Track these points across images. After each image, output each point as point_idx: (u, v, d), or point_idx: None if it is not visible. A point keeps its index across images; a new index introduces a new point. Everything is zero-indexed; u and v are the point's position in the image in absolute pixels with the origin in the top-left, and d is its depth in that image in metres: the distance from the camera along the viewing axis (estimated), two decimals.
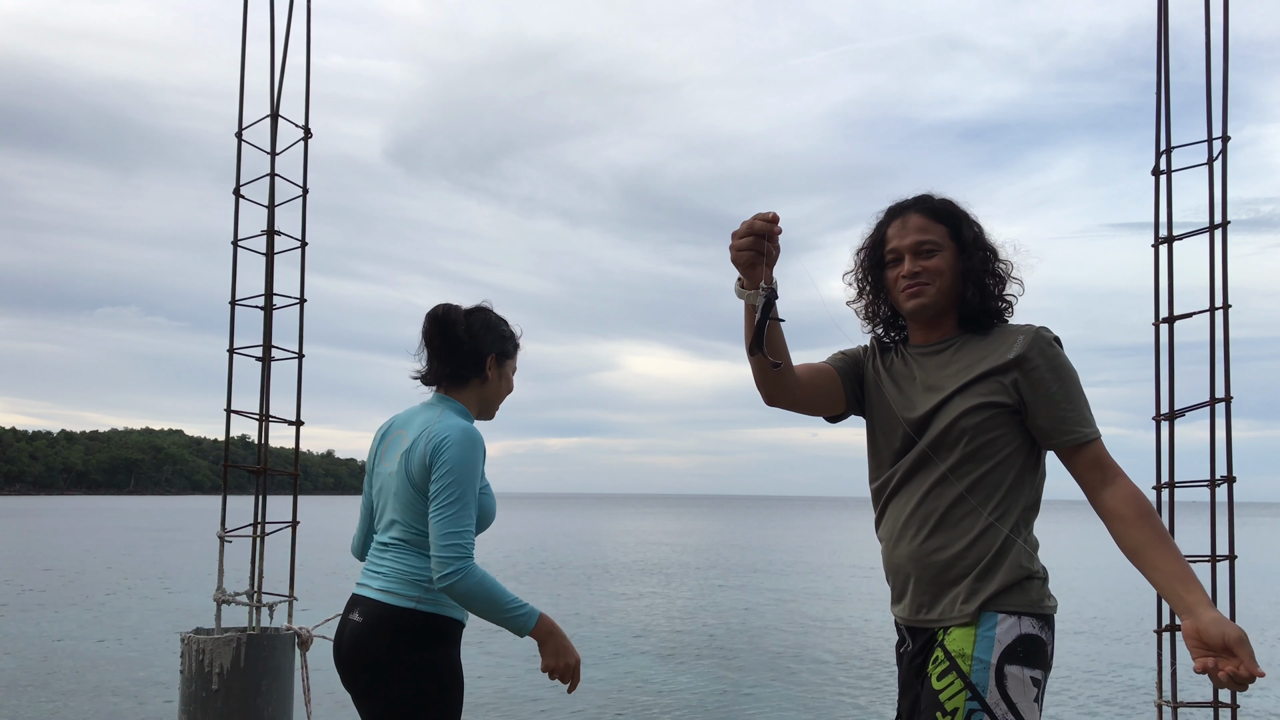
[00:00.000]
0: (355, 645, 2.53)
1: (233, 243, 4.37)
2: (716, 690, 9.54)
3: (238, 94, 4.41)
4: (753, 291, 1.98)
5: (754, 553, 31.02)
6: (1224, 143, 3.31)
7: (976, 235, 2.23)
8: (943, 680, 2.05)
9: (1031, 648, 2.04)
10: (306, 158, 4.48)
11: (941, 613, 2.10)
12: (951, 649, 2.06)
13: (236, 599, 4.19)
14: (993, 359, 2.13)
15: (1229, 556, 3.24)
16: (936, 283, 2.20)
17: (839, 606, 16.76)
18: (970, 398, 2.12)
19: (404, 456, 2.56)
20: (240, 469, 4.41)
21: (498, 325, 2.74)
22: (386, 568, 2.58)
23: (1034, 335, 2.13)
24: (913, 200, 2.28)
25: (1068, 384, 2.10)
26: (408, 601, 2.51)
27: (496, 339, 2.72)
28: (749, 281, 1.99)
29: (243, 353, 4.35)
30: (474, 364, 2.67)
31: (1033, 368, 2.10)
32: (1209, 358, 3.29)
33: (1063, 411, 2.09)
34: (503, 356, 2.74)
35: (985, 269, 2.22)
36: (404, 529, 2.57)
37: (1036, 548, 2.15)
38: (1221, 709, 3.25)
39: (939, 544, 2.12)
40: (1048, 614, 2.09)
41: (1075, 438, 2.08)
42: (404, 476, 2.55)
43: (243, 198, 4.39)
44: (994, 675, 2.00)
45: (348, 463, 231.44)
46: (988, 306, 2.21)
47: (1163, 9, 3.52)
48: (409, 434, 2.59)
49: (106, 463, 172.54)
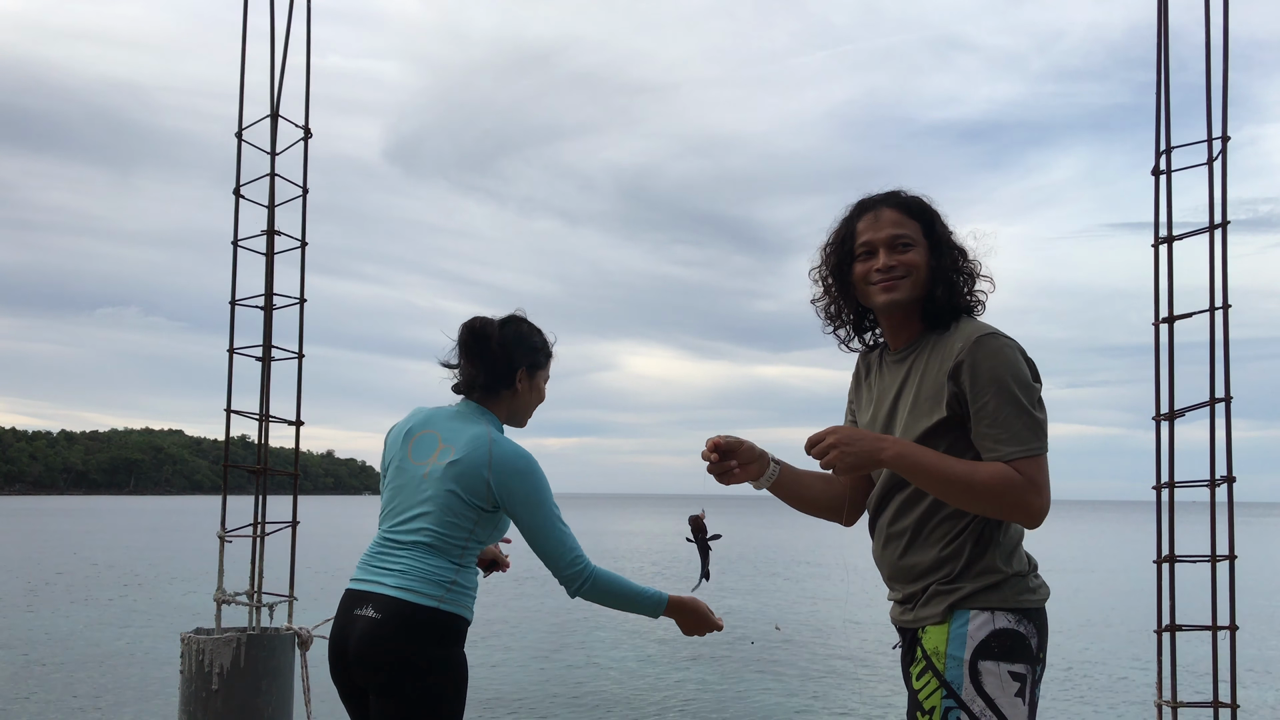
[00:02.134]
0: (374, 642, 2.55)
1: (233, 243, 4.37)
2: (717, 690, 9.54)
3: (237, 94, 4.41)
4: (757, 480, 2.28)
5: (754, 553, 31.01)
6: (1224, 143, 3.31)
7: (947, 234, 2.21)
8: (920, 680, 2.07)
9: (1008, 643, 2.01)
10: (306, 158, 4.48)
11: (916, 614, 2.12)
12: (928, 647, 2.07)
13: (236, 599, 4.19)
14: (940, 370, 2.09)
15: (1229, 556, 3.24)
16: (911, 276, 2.16)
17: (838, 607, 16.75)
18: (921, 415, 2.10)
19: (451, 467, 2.61)
20: (240, 469, 4.41)
21: (529, 337, 2.82)
22: (405, 566, 2.60)
23: (971, 344, 2.05)
24: (884, 195, 2.24)
25: (998, 396, 2.00)
26: (431, 600, 2.55)
27: (528, 351, 2.80)
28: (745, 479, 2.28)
29: (243, 353, 4.35)
30: (505, 377, 2.75)
31: (964, 380, 2.03)
32: (1209, 358, 3.29)
33: (983, 428, 2.02)
34: (533, 368, 2.82)
35: (955, 267, 2.19)
36: (431, 533, 2.61)
37: (1016, 545, 2.11)
38: (1221, 709, 3.25)
39: (914, 559, 2.13)
40: (1028, 608, 2.06)
41: (993, 456, 2.00)
42: (449, 484, 2.61)
43: (243, 198, 4.39)
44: (968, 672, 2.00)
45: (348, 463, 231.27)
46: (955, 304, 2.17)
47: (1162, 9, 3.52)
48: (456, 447, 2.64)
49: (106, 463, 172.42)
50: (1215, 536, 3.30)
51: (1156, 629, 3.39)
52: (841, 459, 1.97)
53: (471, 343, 2.76)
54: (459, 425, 2.70)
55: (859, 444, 1.99)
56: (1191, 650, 3.69)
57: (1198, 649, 3.40)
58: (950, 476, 1.97)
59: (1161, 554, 3.38)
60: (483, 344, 2.74)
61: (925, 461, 1.99)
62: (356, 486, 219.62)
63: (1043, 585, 2.13)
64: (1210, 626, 3.25)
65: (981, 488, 1.96)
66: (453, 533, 2.61)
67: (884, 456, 1.99)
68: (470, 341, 2.76)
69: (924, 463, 1.99)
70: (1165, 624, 3.36)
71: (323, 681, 3.03)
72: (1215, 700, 3.25)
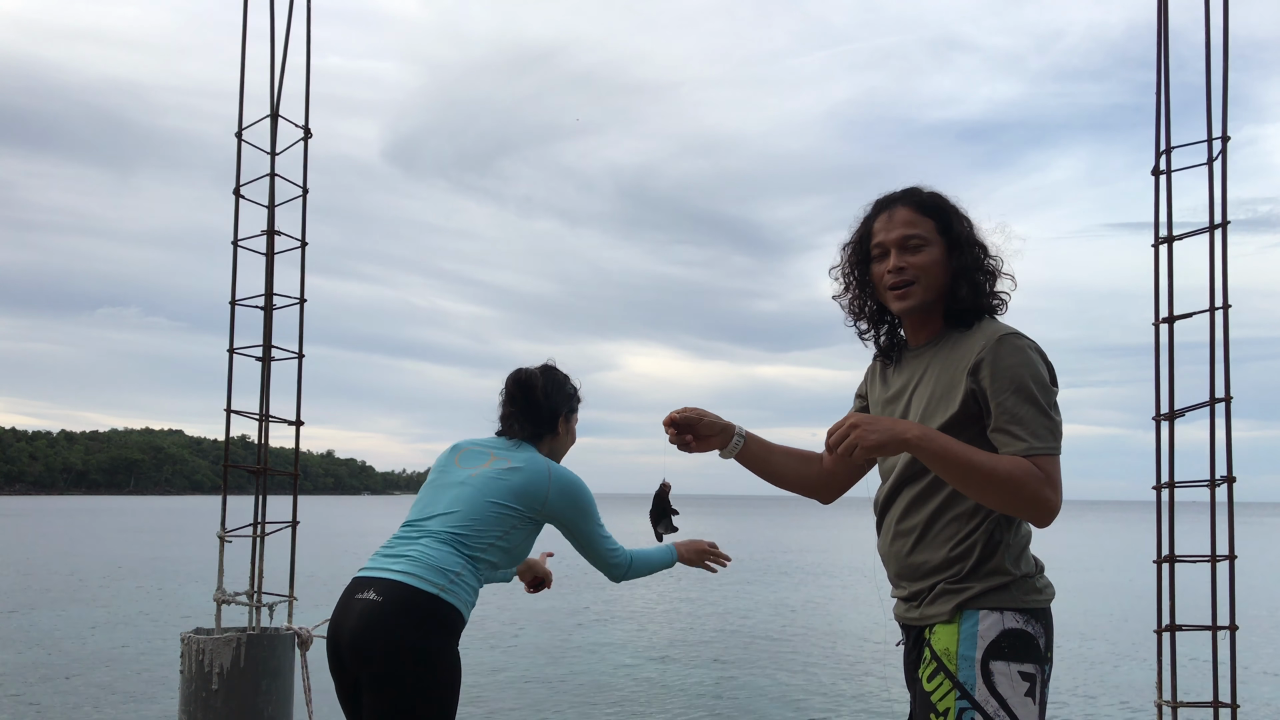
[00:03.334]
0: (369, 622, 2.58)
1: (233, 243, 4.37)
2: (718, 690, 9.54)
3: (236, 94, 4.41)
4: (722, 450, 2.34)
5: (755, 553, 31.02)
6: (1224, 143, 3.31)
7: (967, 230, 2.17)
8: (932, 681, 2.05)
9: (1018, 642, 2.01)
10: (306, 158, 4.48)
11: (923, 611, 2.11)
12: (937, 648, 2.05)
13: (236, 599, 4.19)
14: (960, 367, 2.07)
15: (1229, 556, 3.24)
16: (923, 280, 2.14)
17: (840, 606, 16.76)
18: (936, 411, 2.09)
19: (510, 473, 2.82)
20: (240, 469, 4.41)
21: (564, 384, 3.08)
22: (414, 552, 2.68)
23: (993, 343, 2.04)
24: (900, 193, 2.21)
25: (1017, 395, 2.00)
26: (432, 587, 2.62)
27: (565, 398, 3.06)
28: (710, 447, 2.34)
29: (243, 353, 4.35)
30: (549, 422, 3.02)
31: (984, 377, 2.02)
32: (1209, 358, 3.28)
33: (1001, 424, 2.00)
34: (570, 413, 3.09)
35: (977, 265, 2.15)
36: (452, 528, 2.71)
37: (1025, 547, 2.10)
38: (1221, 709, 3.25)
39: (923, 557, 2.12)
40: (1034, 608, 2.05)
41: (1012, 451, 1.99)
42: (497, 488, 2.78)
43: (243, 198, 4.39)
44: (980, 672, 1.99)
45: (348, 463, 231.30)
46: (979, 304, 2.15)
47: (1162, 9, 3.52)
48: (513, 460, 2.87)
49: (106, 463, 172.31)
50: (1215, 536, 3.30)
51: (1156, 629, 3.39)
52: (864, 437, 1.92)
53: (518, 394, 3.00)
54: (513, 449, 2.94)
55: (881, 423, 1.96)
56: (1191, 650, 3.69)
57: (1198, 649, 3.40)
58: (973, 463, 1.94)
59: (1161, 554, 3.38)
60: (529, 394, 2.99)
61: (949, 447, 1.94)
62: (356, 487, 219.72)
63: (1049, 585, 2.12)
64: (1210, 626, 3.25)
65: (1003, 477, 1.93)
66: (478, 531, 2.72)
67: (909, 436, 1.94)
68: (517, 393, 3.01)
69: (948, 448, 1.94)
70: (1165, 624, 3.36)
71: (323, 682, 3.03)
72: (1215, 700, 3.25)
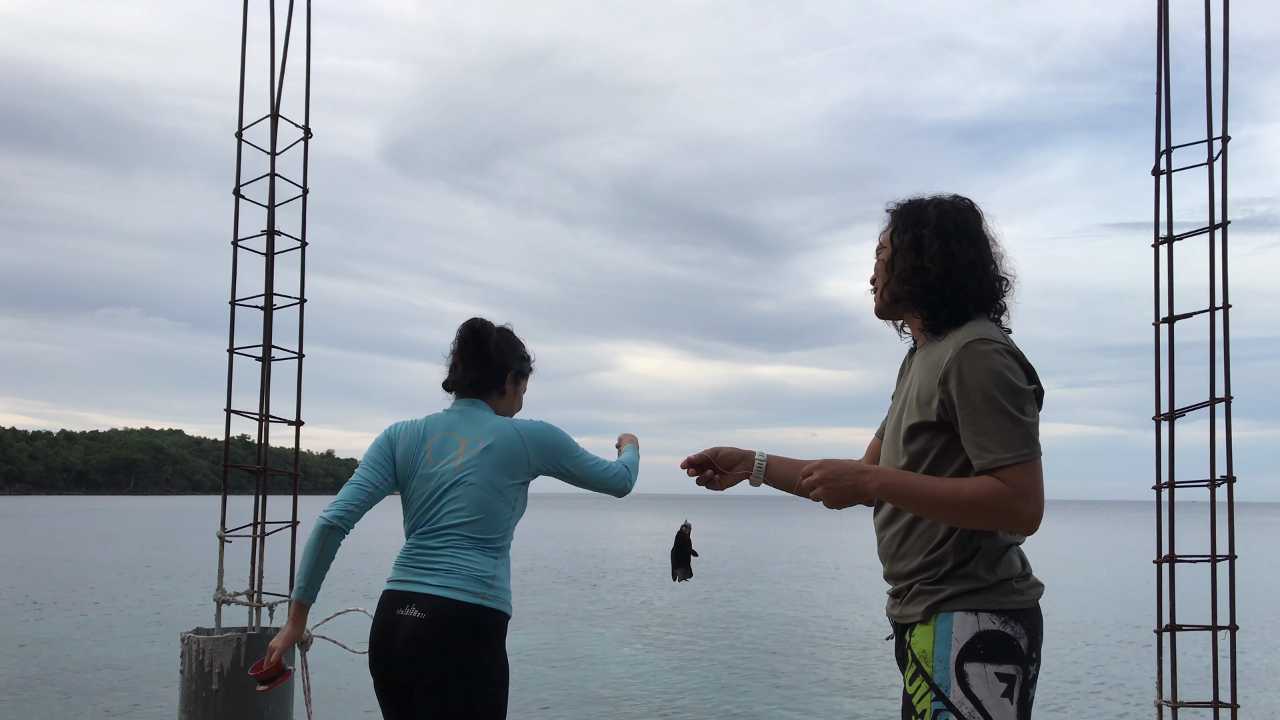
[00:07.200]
0: (419, 640, 2.60)
1: (233, 243, 4.38)
2: (718, 690, 9.55)
3: (235, 95, 4.42)
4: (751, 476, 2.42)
5: (756, 552, 31.03)
6: (1224, 143, 3.31)
7: (916, 237, 2.15)
8: (913, 684, 2.08)
9: (995, 644, 2.01)
10: (306, 158, 4.48)
11: (902, 610, 2.14)
12: (916, 650, 2.08)
13: (236, 599, 4.19)
14: (934, 375, 2.07)
15: (1229, 556, 3.24)
16: (877, 284, 2.26)
17: (840, 606, 16.77)
18: (911, 415, 2.12)
19: (487, 453, 2.75)
20: (240, 469, 4.41)
21: (517, 346, 3.02)
22: (446, 564, 2.67)
23: (959, 351, 2.02)
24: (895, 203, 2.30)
25: (985, 404, 1.97)
26: (474, 598, 2.63)
27: (517, 358, 2.99)
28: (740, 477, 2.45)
29: (243, 353, 4.35)
30: (496, 377, 2.93)
31: (952, 388, 2.01)
32: (1209, 358, 3.29)
33: (969, 436, 2.00)
34: (519, 375, 3.01)
35: (913, 270, 2.14)
36: (474, 529, 2.70)
37: (1003, 551, 2.08)
38: (1221, 709, 3.25)
39: (904, 559, 2.15)
40: (1014, 609, 2.04)
41: (981, 463, 1.98)
42: (486, 470, 2.73)
43: (243, 198, 4.39)
44: (954, 674, 2.00)
45: (348, 463, 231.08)
46: (947, 307, 2.12)
47: (1162, 9, 3.52)
48: (482, 437, 2.80)
49: (106, 463, 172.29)
50: (1215, 536, 3.30)
51: (1156, 629, 3.39)
52: (827, 496, 2.05)
53: (472, 341, 2.91)
54: (472, 421, 2.84)
55: (843, 479, 2.05)
56: (1191, 650, 3.69)
57: (1198, 649, 3.40)
58: (934, 498, 1.99)
59: (1161, 554, 3.38)
60: (482, 343, 2.90)
61: (909, 487, 2.02)
62: None
63: (1033, 586, 2.10)
64: (1210, 626, 3.25)
65: (966, 505, 1.96)
66: (490, 519, 2.72)
67: (869, 491, 2.04)
68: (470, 339, 2.91)
69: (909, 489, 2.02)
70: (1165, 624, 3.36)
71: (324, 681, 3.02)
72: (1215, 700, 3.25)
